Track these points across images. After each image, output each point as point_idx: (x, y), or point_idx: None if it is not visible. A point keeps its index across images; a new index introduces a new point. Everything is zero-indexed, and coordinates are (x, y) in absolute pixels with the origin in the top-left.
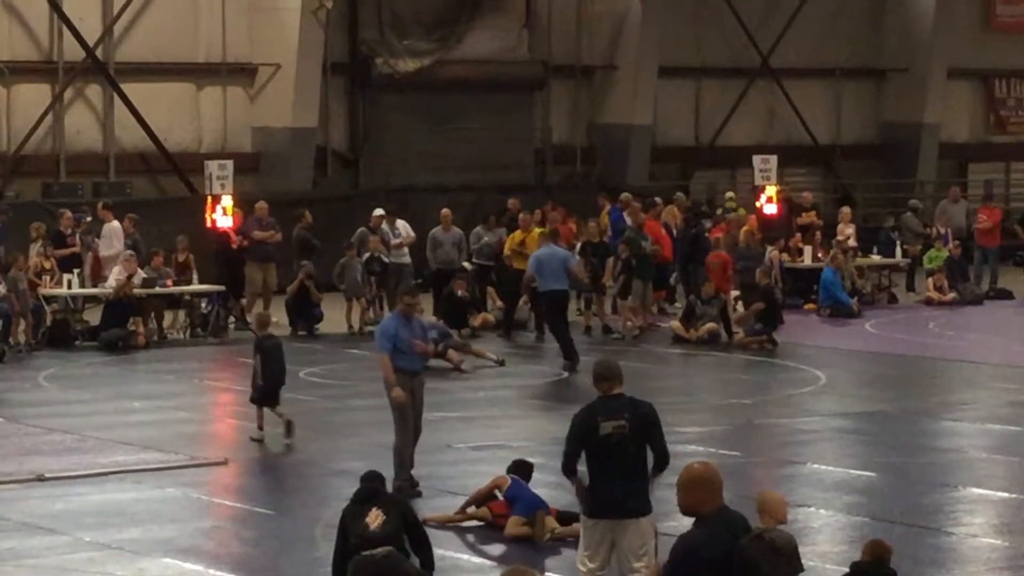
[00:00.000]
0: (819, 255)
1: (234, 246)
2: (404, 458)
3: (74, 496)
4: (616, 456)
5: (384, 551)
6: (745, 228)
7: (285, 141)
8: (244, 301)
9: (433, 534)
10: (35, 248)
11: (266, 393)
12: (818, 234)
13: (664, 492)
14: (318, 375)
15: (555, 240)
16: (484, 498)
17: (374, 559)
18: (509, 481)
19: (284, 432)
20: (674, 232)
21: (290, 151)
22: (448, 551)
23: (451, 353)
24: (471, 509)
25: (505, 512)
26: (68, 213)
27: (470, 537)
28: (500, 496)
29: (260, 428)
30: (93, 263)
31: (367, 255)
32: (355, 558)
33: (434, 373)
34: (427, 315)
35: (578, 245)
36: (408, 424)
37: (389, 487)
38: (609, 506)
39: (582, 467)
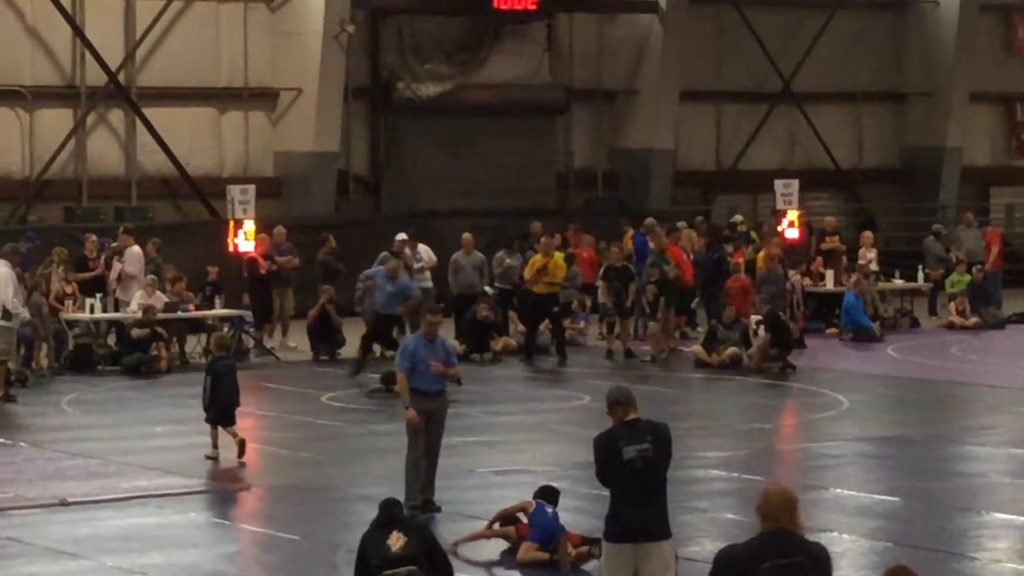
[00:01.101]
0: (842, 280)
1: (262, 271)
2: (417, 471)
3: (97, 521)
4: (640, 480)
5: (407, 570)
6: (764, 253)
7: (307, 165)
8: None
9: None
10: (57, 273)
11: (220, 413)
12: (843, 259)
13: (686, 516)
14: (340, 400)
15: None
16: (509, 518)
17: None
18: (534, 505)
19: (237, 452)
20: (691, 256)
21: (312, 175)
22: (466, 575)
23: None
24: (497, 526)
25: (528, 535)
26: (92, 237)
27: (487, 561)
28: (524, 519)
29: (214, 447)
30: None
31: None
32: None
33: (457, 398)
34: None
35: (601, 269)
36: (419, 441)
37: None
38: (632, 531)
39: (602, 491)
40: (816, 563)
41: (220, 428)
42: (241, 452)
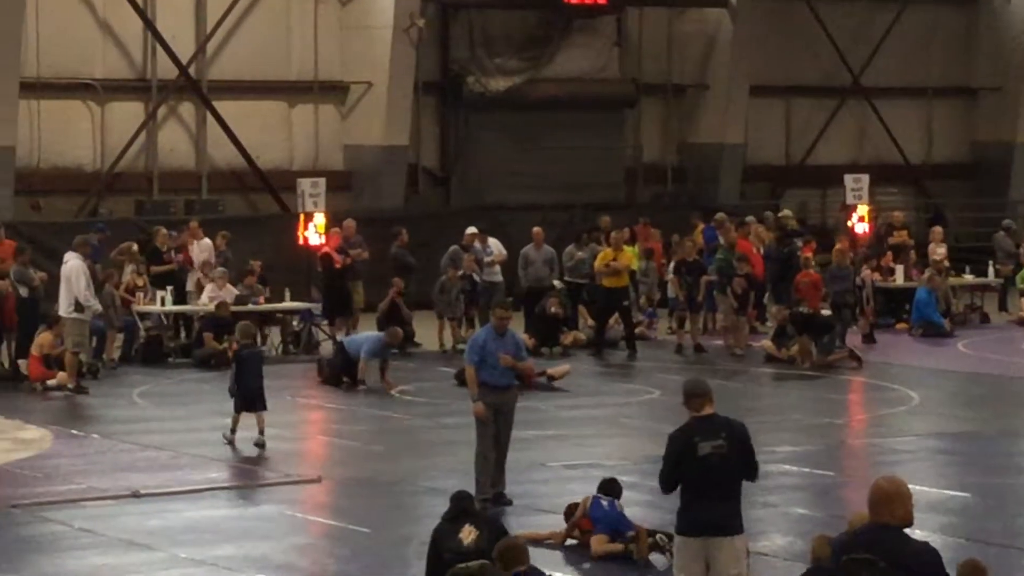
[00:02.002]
0: (911, 275)
1: (337, 266)
2: (486, 465)
3: (169, 512)
4: (713, 476)
5: (479, 564)
6: (836, 247)
7: (377, 159)
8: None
9: None
10: (128, 266)
11: (246, 400)
12: (912, 254)
13: (757, 511)
14: (410, 393)
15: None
16: (574, 517)
17: (469, 571)
18: (590, 500)
19: (258, 432)
20: (760, 251)
21: (382, 169)
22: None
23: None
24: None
25: (591, 530)
26: (163, 230)
27: (559, 556)
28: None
29: (232, 431)
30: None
31: (460, 273)
32: (450, 570)
33: (528, 392)
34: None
35: (671, 264)
36: (487, 433)
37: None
38: (704, 525)
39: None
40: (902, 563)
41: (245, 414)
42: (260, 436)
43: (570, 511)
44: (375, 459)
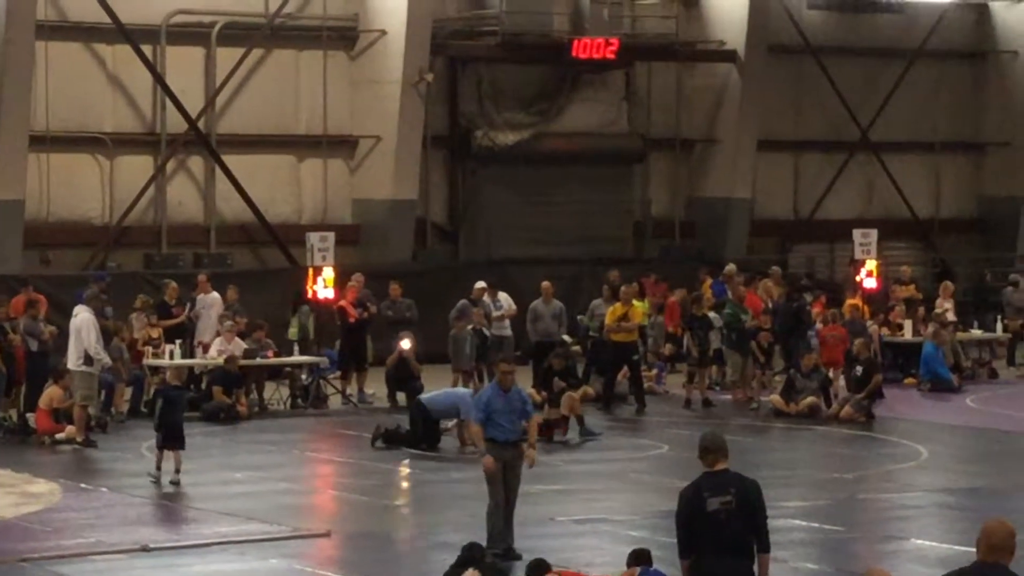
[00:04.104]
0: (920, 329)
1: (352, 320)
2: (496, 521)
3: (179, 567)
4: (722, 532)
5: None
6: (850, 302)
7: (385, 213)
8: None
9: None
10: (139, 319)
11: (167, 437)
12: (921, 308)
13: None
14: (420, 447)
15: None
16: None
17: None
18: (638, 572)
19: (174, 471)
20: (769, 305)
21: (390, 223)
22: None
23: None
24: None
25: None
26: (173, 284)
27: None
28: None
29: (157, 468)
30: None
31: (469, 327)
32: None
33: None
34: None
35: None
36: (498, 489)
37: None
38: None
39: None
40: None
41: (166, 451)
42: (177, 475)
43: None
44: (383, 513)
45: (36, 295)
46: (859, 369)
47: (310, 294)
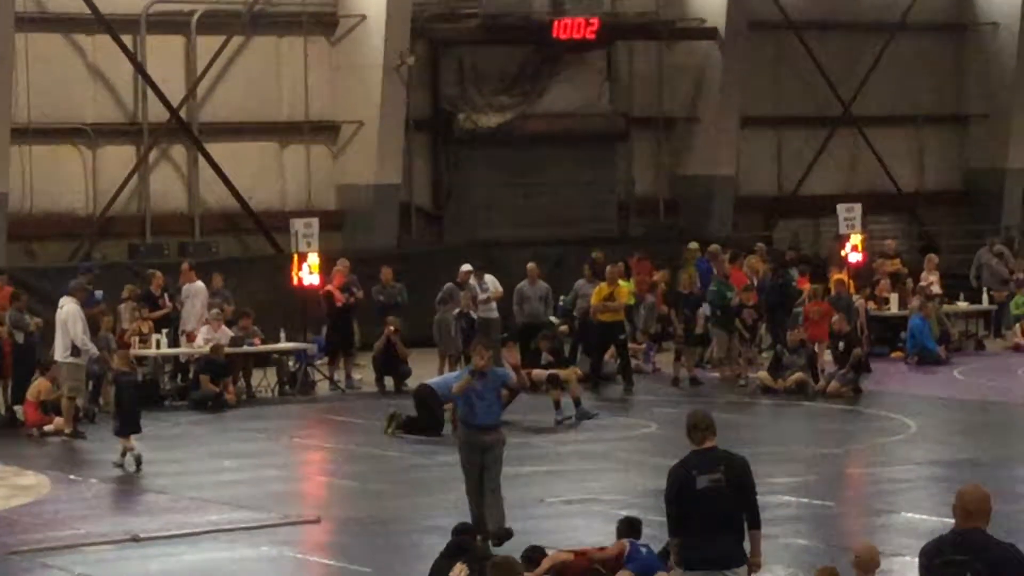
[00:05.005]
0: (907, 303)
1: (338, 304)
2: (471, 505)
3: (169, 556)
4: (712, 510)
5: None
6: (835, 277)
7: (369, 198)
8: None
9: None
10: (127, 310)
11: (124, 424)
12: (908, 282)
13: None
14: (407, 431)
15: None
16: (613, 565)
17: None
18: (628, 547)
19: (133, 463)
20: (754, 282)
21: (374, 208)
22: None
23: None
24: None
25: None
26: (159, 274)
27: None
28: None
29: (122, 455)
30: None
31: (456, 311)
32: None
33: (525, 427)
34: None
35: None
36: (471, 472)
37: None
38: (704, 559)
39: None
40: (992, 564)
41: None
42: (137, 465)
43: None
44: (374, 498)
45: (7, 287)
46: (841, 344)
47: (295, 280)
